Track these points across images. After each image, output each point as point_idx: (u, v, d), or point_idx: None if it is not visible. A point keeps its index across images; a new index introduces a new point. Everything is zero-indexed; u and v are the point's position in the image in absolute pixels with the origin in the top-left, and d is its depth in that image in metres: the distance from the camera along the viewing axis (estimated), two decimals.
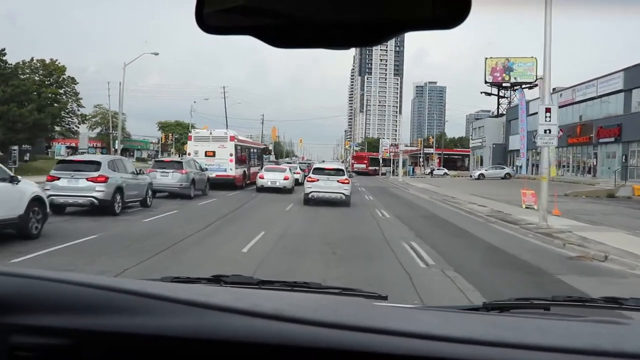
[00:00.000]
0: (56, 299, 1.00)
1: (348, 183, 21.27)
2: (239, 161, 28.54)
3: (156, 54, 44.71)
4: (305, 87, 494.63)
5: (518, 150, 57.38)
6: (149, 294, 1.02)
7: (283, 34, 0.87)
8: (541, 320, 1.38)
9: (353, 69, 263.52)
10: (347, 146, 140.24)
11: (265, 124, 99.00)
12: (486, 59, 65.19)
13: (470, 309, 1.73)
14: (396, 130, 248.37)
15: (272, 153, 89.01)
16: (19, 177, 10.41)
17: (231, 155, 27.13)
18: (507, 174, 51.62)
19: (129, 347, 0.96)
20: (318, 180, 21.08)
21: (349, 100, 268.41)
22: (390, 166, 61.95)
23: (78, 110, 54.20)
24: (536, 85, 63.99)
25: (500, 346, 0.90)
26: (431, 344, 0.90)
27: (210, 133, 28.10)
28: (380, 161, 65.64)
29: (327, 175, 21.09)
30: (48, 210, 10.70)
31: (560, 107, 49.94)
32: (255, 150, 34.34)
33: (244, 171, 29.49)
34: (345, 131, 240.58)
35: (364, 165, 67.43)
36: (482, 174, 51.59)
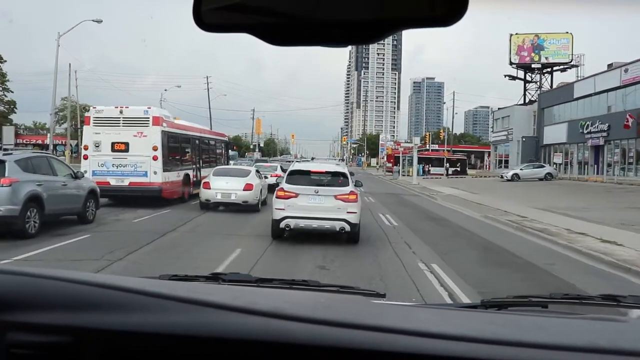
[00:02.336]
0: (53, 297, 0.99)
1: (356, 201, 10.63)
2: (173, 160, 17.57)
3: (99, 21, 38.06)
4: (301, 83, 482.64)
5: (555, 145, 46.77)
6: (147, 291, 1.01)
7: (281, 31, 0.87)
8: (539, 317, 1.37)
9: (349, 64, 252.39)
10: (344, 142, 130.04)
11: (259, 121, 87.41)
12: (511, 35, 53.96)
13: (468, 306, 1.73)
14: (394, 127, 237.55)
15: (258, 150, 77.74)
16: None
17: (156, 149, 16.13)
18: (548, 173, 40.86)
19: (127, 344, 0.96)
20: (298, 195, 10.57)
21: (345, 96, 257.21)
22: (398, 164, 50.94)
23: (5, 95, 42.70)
24: (573, 66, 53.26)
25: (498, 344, 0.89)
26: (429, 341, 0.89)
27: (121, 112, 16.44)
28: (385, 159, 54.58)
29: (316, 185, 10.75)
30: None
31: (625, 86, 39.29)
32: (209, 143, 22.98)
33: (186, 175, 18.53)
34: (341, 128, 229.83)
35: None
36: (516, 174, 40.86)
